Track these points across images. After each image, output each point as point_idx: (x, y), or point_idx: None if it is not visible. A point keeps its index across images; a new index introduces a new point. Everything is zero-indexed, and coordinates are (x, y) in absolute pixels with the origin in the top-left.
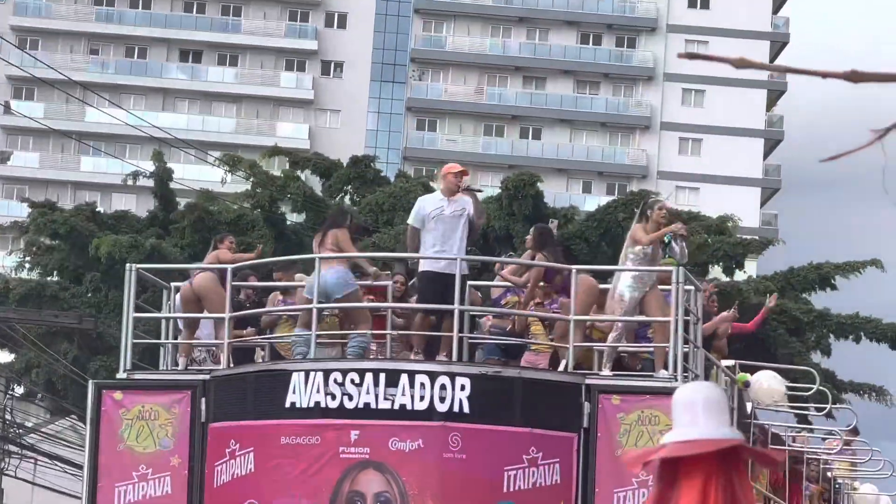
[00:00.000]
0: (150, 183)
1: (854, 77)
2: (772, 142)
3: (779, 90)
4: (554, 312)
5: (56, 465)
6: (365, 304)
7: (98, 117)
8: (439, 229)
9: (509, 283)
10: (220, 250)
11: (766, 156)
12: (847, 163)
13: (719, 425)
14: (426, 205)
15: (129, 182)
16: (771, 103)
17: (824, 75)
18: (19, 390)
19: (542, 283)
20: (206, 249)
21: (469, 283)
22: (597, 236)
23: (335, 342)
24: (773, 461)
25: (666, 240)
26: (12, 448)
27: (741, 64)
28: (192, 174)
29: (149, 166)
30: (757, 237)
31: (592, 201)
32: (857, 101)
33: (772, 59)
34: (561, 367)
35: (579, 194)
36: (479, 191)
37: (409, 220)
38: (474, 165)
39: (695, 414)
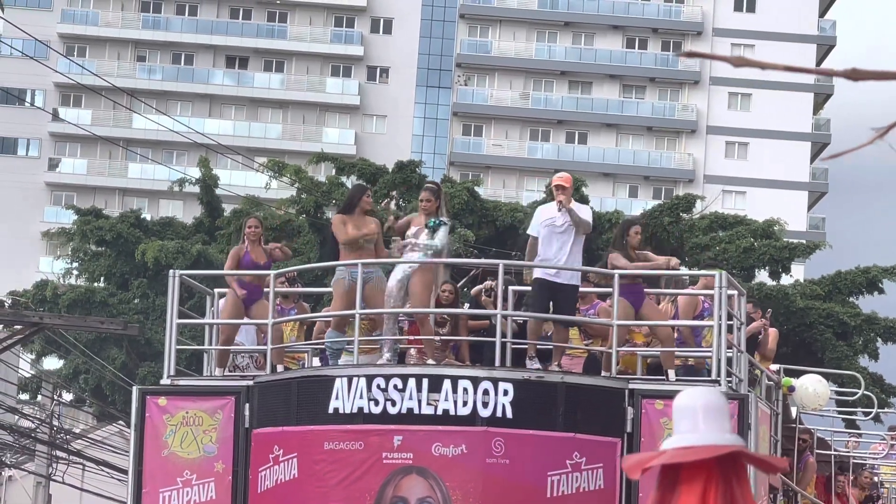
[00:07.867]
0: (197, 189)
1: (854, 75)
2: (819, 145)
3: (826, 93)
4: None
5: (103, 470)
6: (405, 309)
7: (145, 124)
8: (551, 241)
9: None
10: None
11: (812, 159)
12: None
13: (720, 431)
14: (540, 215)
15: (176, 189)
16: (818, 106)
17: (826, 73)
18: (67, 396)
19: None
20: None
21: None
22: (643, 241)
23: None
24: (775, 468)
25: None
26: (60, 454)
27: (739, 62)
28: (238, 180)
29: (195, 172)
30: (804, 241)
31: (638, 206)
32: None
33: (818, 63)
34: (606, 373)
35: (625, 199)
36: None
37: (529, 230)
38: (520, 170)
39: (695, 420)
